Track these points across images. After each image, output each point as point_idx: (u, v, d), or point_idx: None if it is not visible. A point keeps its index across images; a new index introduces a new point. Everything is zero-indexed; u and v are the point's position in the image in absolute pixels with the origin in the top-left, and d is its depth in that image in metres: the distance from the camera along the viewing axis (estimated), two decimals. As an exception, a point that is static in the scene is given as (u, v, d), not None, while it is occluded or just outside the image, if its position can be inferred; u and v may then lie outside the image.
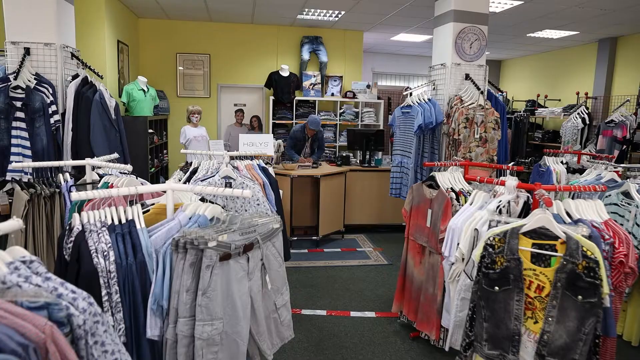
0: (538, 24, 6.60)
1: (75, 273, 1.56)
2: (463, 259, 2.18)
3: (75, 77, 3.85)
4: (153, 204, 2.05)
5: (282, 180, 5.03)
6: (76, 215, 1.66)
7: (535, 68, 9.57)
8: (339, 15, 6.52)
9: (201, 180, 3.06)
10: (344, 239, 5.61)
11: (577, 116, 7.03)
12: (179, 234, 1.68)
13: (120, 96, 5.74)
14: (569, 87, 8.46)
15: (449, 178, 3.06)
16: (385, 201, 5.78)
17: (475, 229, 2.12)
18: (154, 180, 5.96)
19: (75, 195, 1.66)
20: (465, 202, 2.91)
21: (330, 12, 6.34)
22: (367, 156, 5.94)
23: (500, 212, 2.09)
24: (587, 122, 6.94)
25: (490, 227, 2.06)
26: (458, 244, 2.21)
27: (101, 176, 2.74)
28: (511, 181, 2.17)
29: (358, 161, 6.15)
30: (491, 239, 1.90)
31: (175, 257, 1.65)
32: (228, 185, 3.02)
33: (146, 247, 1.66)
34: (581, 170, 4.31)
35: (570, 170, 4.44)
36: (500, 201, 2.12)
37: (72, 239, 1.61)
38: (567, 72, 8.61)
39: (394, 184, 4.78)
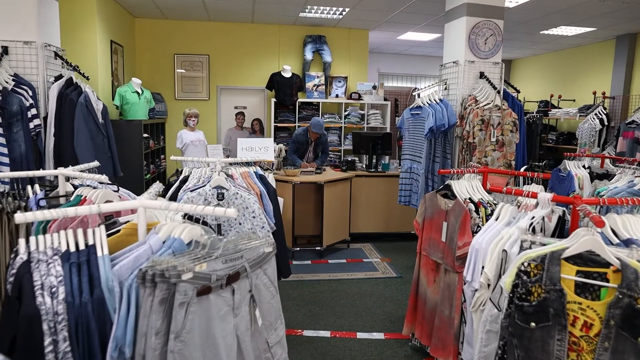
0: (553, 20, 6.26)
1: (16, 313, 1.27)
2: (489, 285, 1.86)
3: (58, 78, 3.57)
4: (128, 222, 1.75)
5: (284, 187, 4.73)
6: (22, 241, 1.36)
7: (548, 67, 9.21)
8: (343, 13, 6.22)
9: (191, 191, 2.77)
10: (349, 249, 5.30)
11: (595, 117, 6.68)
12: (147, 264, 1.37)
13: (113, 99, 5.47)
14: (584, 86, 8.10)
15: (467, 187, 2.75)
16: (393, 208, 5.46)
17: (504, 251, 1.81)
18: (149, 187, 5.67)
19: (20, 218, 1.36)
20: (485, 214, 2.60)
21: (334, 9, 6.05)
22: (374, 161, 5.62)
23: (533, 230, 1.77)
24: (606, 123, 6.59)
25: (522, 248, 1.74)
26: (483, 268, 1.89)
27: (77, 187, 2.44)
28: (545, 193, 1.85)
29: (364, 166, 5.84)
30: (525, 264, 1.58)
31: (143, 292, 1.35)
32: (220, 196, 2.72)
33: (106, 280, 1.36)
34: (606, 176, 3.98)
35: (594, 176, 4.10)
36: (533, 217, 1.80)
37: (14, 270, 1.31)
38: (582, 71, 8.25)
39: (402, 190, 4.46)
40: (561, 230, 1.94)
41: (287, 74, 6.79)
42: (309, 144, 5.63)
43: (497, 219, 2.03)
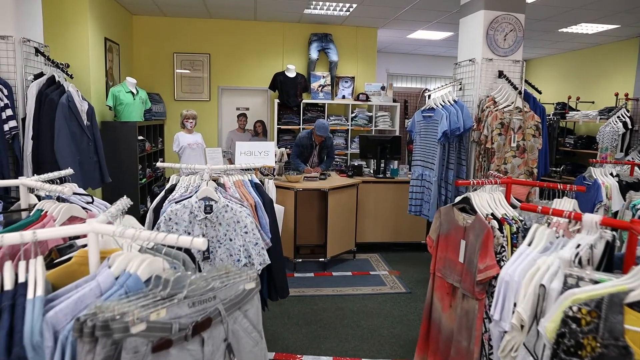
0: (573, 16, 5.89)
1: None
2: (522, 326, 1.53)
3: (38, 76, 3.29)
4: (85, 246, 1.45)
5: (285, 194, 4.42)
6: None
7: (565, 68, 8.81)
8: (350, 9, 5.90)
9: (176, 202, 2.46)
10: (355, 260, 4.97)
11: (617, 120, 6.28)
12: (87, 311, 1.06)
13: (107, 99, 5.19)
14: (605, 88, 7.70)
15: (488, 200, 2.41)
16: (402, 216, 5.13)
17: (542, 285, 1.47)
18: (144, 192, 5.39)
19: None
20: (510, 232, 2.27)
21: (340, 5, 5.72)
22: (382, 166, 5.29)
23: (580, 262, 1.43)
24: (629, 126, 6.20)
25: (566, 285, 1.40)
26: (514, 305, 1.56)
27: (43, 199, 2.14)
28: (591, 215, 1.51)
29: (372, 171, 5.51)
30: (575, 309, 1.24)
31: (81, 349, 1.04)
32: (208, 208, 2.42)
33: (31, 334, 1.04)
34: (638, 185, 3.62)
35: (624, 185, 3.74)
36: (579, 245, 1.46)
37: None
38: (602, 72, 7.85)
39: (413, 199, 4.12)
40: (609, 260, 1.59)
41: (292, 74, 6.48)
42: (313, 147, 5.31)
43: (530, 244, 1.69)
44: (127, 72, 5.98)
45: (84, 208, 2.02)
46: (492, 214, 2.30)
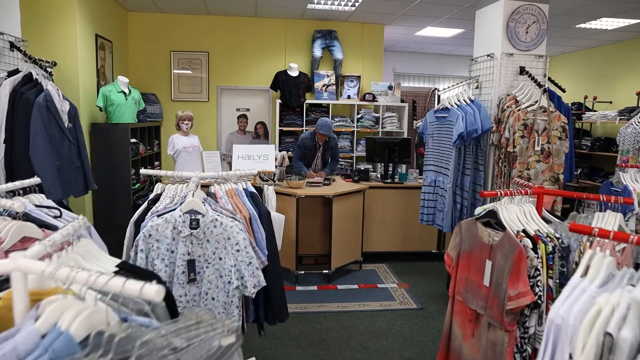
0: (594, 10, 5.54)
1: None
2: (580, 384, 1.19)
3: (13, 73, 2.99)
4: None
5: (287, 201, 4.11)
6: None
7: (580, 66, 8.45)
8: (356, 4, 5.57)
9: (158, 216, 2.15)
10: (361, 271, 4.64)
11: (639, 121, 5.92)
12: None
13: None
14: (624, 86, 7.33)
15: (518, 214, 2.08)
16: (411, 224, 4.80)
17: (608, 334, 1.13)
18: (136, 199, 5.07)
19: None
20: (546, 252, 1.94)
21: (345, 0, 5.41)
22: (390, 170, 4.96)
23: (661, 305, 1.10)
24: (653, 127, 5.82)
25: (645, 337, 1.06)
26: (570, 357, 1.22)
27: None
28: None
29: (379, 176, 5.18)
30: (668, 378, 0.91)
31: None
32: (194, 223, 2.10)
33: None
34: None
35: (658, 192, 3.39)
36: (657, 283, 1.13)
37: None
38: (621, 70, 7.47)
39: (425, 207, 3.79)
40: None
41: (294, 73, 6.17)
42: (316, 148, 5.00)
43: (583, 275, 1.35)
44: (121, 71, 5.69)
45: (42, 226, 1.72)
46: (524, 231, 1.98)
